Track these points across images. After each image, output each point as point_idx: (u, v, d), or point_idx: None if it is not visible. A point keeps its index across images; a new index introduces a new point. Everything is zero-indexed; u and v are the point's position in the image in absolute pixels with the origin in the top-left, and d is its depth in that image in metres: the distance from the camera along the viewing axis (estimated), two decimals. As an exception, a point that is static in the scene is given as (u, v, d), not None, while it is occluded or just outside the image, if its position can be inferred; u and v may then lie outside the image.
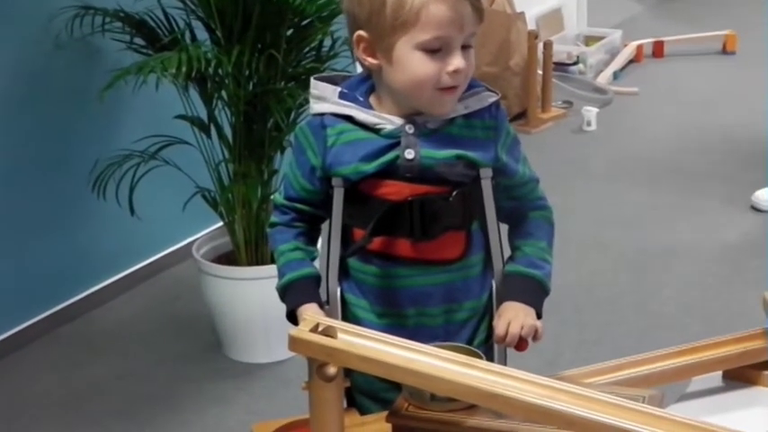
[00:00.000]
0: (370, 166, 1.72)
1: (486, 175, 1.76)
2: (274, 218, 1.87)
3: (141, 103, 3.47)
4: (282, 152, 3.31)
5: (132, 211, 3.25)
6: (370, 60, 1.71)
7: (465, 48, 1.68)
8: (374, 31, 1.68)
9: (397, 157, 1.72)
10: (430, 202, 1.73)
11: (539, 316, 1.77)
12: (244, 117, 3.23)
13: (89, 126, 3.63)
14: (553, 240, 1.85)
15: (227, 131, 3.29)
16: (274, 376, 3.30)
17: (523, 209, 1.84)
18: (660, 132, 5.39)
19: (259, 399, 3.20)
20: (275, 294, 3.32)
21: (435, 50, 1.66)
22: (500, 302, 1.78)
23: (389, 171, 1.73)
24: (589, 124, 5.39)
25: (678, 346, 1.75)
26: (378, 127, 1.74)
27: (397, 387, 1.70)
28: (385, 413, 1.57)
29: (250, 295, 3.33)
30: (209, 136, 3.30)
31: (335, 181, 1.76)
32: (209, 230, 3.72)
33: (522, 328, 1.72)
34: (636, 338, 3.39)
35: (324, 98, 1.78)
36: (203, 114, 3.29)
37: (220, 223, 3.49)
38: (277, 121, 3.15)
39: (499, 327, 1.73)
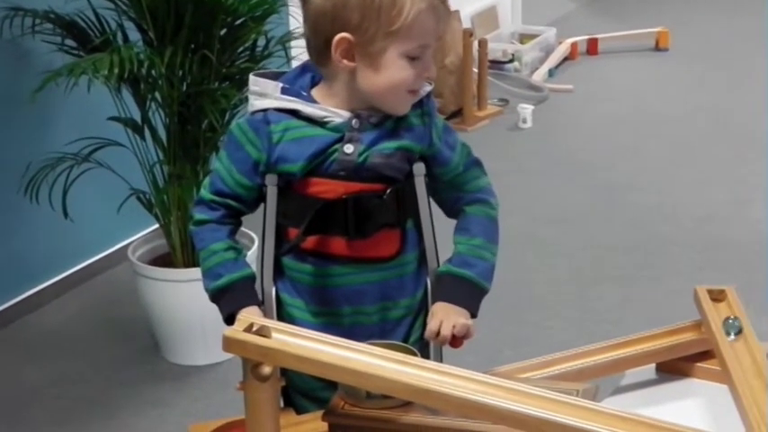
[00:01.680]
0: (316, 157, 1.73)
1: (419, 172, 1.77)
2: (201, 215, 1.83)
3: (73, 105, 3.43)
4: (218, 153, 3.29)
5: (66, 214, 3.21)
6: (346, 63, 1.71)
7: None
8: (363, 37, 1.69)
9: (336, 150, 1.72)
10: (364, 200, 1.73)
11: (473, 315, 1.77)
12: (178, 118, 3.21)
13: (20, 129, 3.58)
14: (493, 234, 1.83)
15: (162, 133, 3.26)
16: (212, 378, 3.29)
17: (461, 202, 1.84)
18: (595, 129, 5.44)
19: (197, 401, 3.18)
20: (212, 296, 3.30)
21: (416, 57, 1.70)
22: (435, 301, 1.78)
23: (323, 169, 1.73)
24: (525, 122, 5.42)
25: (612, 340, 1.77)
26: (325, 120, 1.74)
27: (333, 386, 1.69)
28: (321, 412, 1.56)
29: (187, 297, 3.30)
30: (142, 137, 3.28)
31: (269, 179, 1.75)
32: (144, 233, 3.69)
33: (453, 327, 1.72)
34: (574, 334, 3.42)
35: (265, 94, 1.77)
36: (137, 116, 3.26)
37: (156, 225, 3.46)
38: (211, 121, 3.13)
39: (431, 324, 1.74)
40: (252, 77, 1.79)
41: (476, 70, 5.53)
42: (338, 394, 1.53)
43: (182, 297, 3.31)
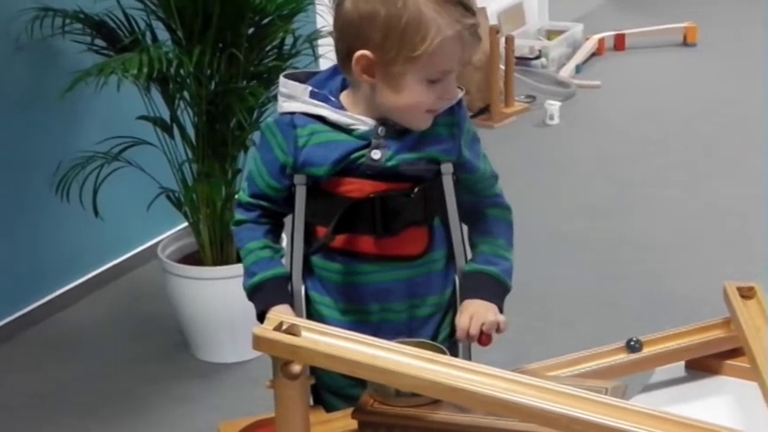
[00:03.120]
0: (342, 162, 1.73)
1: (447, 170, 1.77)
2: (240, 215, 1.86)
3: (103, 104, 3.46)
4: (246, 151, 3.31)
5: (96, 212, 3.24)
6: (366, 78, 1.71)
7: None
8: (383, 57, 1.68)
9: (363, 155, 1.72)
10: (391, 199, 1.74)
11: (501, 311, 1.78)
12: (206, 117, 3.23)
13: (51, 128, 3.61)
14: (511, 238, 1.86)
15: (190, 131, 3.28)
16: (240, 375, 3.30)
17: (481, 205, 1.85)
18: (622, 125, 5.42)
19: (226, 398, 3.20)
20: (241, 293, 3.33)
21: (437, 80, 1.70)
22: (462, 299, 1.79)
23: (351, 169, 1.73)
24: (552, 118, 5.41)
25: (641, 337, 1.77)
26: (351, 128, 1.74)
27: (362, 384, 1.70)
28: (350, 410, 1.58)
29: (215, 295, 3.32)
30: (171, 136, 3.29)
31: (298, 179, 1.76)
32: (173, 231, 3.71)
33: (482, 324, 1.73)
34: (602, 330, 3.41)
35: (294, 97, 1.78)
36: (165, 115, 3.28)
37: (185, 224, 3.48)
38: (240, 120, 3.15)
39: (461, 321, 1.75)
40: (282, 79, 1.80)
41: (502, 67, 5.53)
42: (367, 392, 1.54)
43: (210, 295, 3.32)
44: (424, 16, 1.64)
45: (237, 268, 3.24)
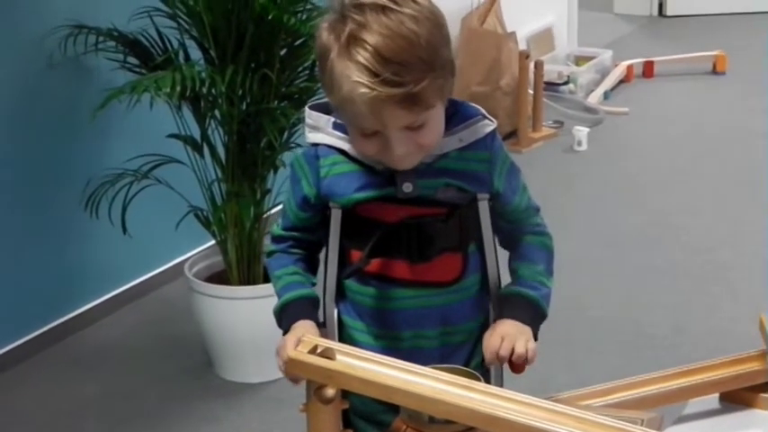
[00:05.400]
0: (365, 195, 1.72)
1: (482, 197, 1.75)
2: (272, 247, 1.86)
3: (134, 122, 3.46)
4: (275, 171, 3.31)
5: (125, 229, 3.24)
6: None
7: (416, 128, 1.63)
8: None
9: (394, 190, 1.71)
10: (426, 225, 1.72)
11: (535, 337, 1.75)
12: (237, 136, 3.23)
13: (82, 145, 3.62)
14: (551, 266, 1.83)
15: (220, 150, 3.29)
16: (265, 396, 3.29)
17: (519, 232, 1.83)
18: (651, 152, 5.40)
19: (251, 418, 3.19)
20: (267, 314, 3.31)
21: (374, 133, 1.64)
22: (497, 319, 1.77)
23: (386, 197, 1.72)
24: (580, 144, 5.40)
25: (675, 368, 1.76)
26: (371, 164, 1.73)
27: (393, 409, 1.69)
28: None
29: (242, 314, 3.32)
30: (201, 155, 3.30)
31: (333, 203, 1.75)
32: (200, 249, 3.71)
33: (513, 348, 1.68)
34: (628, 359, 3.39)
35: (318, 128, 1.77)
36: (196, 133, 3.29)
37: (212, 242, 3.49)
38: (270, 140, 3.15)
39: (491, 341, 1.69)
40: (306, 110, 1.79)
41: (531, 92, 5.52)
42: (400, 418, 1.53)
43: (236, 314, 3.32)
44: (333, 70, 1.61)
45: (264, 288, 3.28)
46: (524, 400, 1.36)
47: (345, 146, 1.74)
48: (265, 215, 3.36)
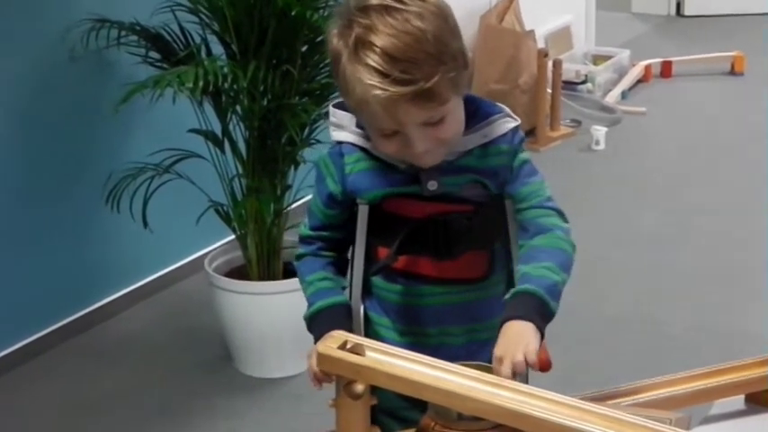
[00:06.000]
0: (391, 191, 1.73)
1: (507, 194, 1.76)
2: (301, 249, 1.85)
3: (155, 116, 3.48)
4: (296, 167, 3.32)
5: (145, 223, 3.25)
6: None
7: (434, 123, 1.63)
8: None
9: (419, 188, 1.71)
10: (453, 221, 1.73)
11: (541, 330, 1.62)
12: (258, 132, 3.24)
13: (103, 139, 3.64)
14: (562, 259, 1.70)
15: (241, 146, 3.29)
16: (285, 391, 3.30)
17: (531, 232, 1.74)
18: (668, 152, 5.40)
19: (270, 414, 3.20)
20: (286, 309, 3.34)
21: (390, 135, 1.64)
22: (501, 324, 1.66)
23: (412, 193, 1.73)
24: (598, 143, 5.39)
25: (700, 369, 1.75)
26: (394, 163, 1.73)
27: (417, 406, 1.70)
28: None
29: (261, 310, 3.33)
30: (222, 150, 3.30)
31: (360, 199, 1.76)
32: (219, 244, 3.72)
33: (513, 366, 1.56)
34: (646, 359, 3.40)
35: (342, 126, 1.78)
36: (217, 128, 3.29)
37: (232, 236, 3.50)
38: (291, 136, 3.15)
39: (495, 364, 1.57)
40: (331, 108, 1.80)
41: (549, 90, 5.52)
42: (428, 414, 1.53)
43: (256, 310, 3.33)
44: (345, 74, 1.62)
45: (283, 284, 3.29)
46: (554, 397, 1.36)
47: (368, 144, 1.74)
48: (285, 211, 3.36)
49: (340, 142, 1.78)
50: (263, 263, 3.36)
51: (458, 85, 1.64)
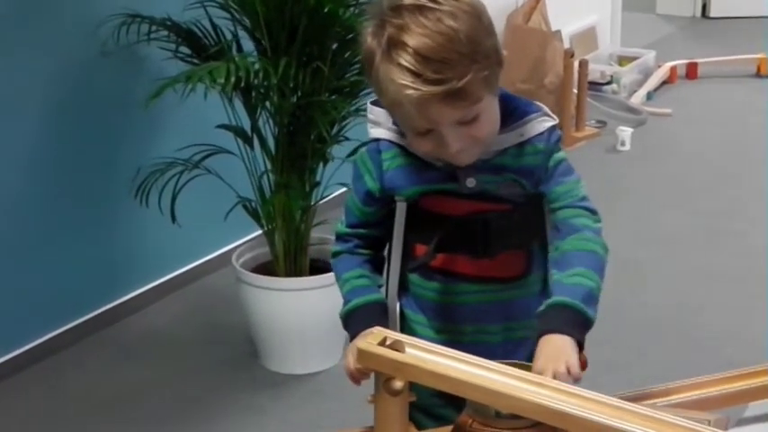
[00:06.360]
0: (428, 187, 1.73)
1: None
2: (337, 247, 1.85)
3: (184, 111, 3.48)
4: (325, 164, 3.32)
5: (174, 218, 3.26)
6: None
7: (469, 121, 1.63)
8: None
9: (457, 185, 1.72)
10: (491, 220, 1.73)
11: (579, 343, 1.65)
12: (287, 128, 3.24)
13: (132, 133, 3.65)
14: (595, 263, 1.70)
15: (270, 142, 3.30)
16: (310, 387, 3.31)
17: (564, 233, 1.74)
18: (694, 154, 5.38)
19: (296, 410, 3.20)
20: (313, 306, 3.34)
21: (425, 133, 1.64)
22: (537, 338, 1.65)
23: (450, 191, 1.73)
24: (623, 144, 5.38)
25: (733, 371, 1.75)
26: (430, 161, 1.73)
27: (451, 403, 1.71)
28: (440, 429, 1.58)
29: (287, 306, 3.34)
30: (251, 146, 3.31)
31: (398, 196, 1.76)
32: (246, 239, 3.73)
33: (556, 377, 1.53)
34: (674, 362, 3.39)
35: (379, 123, 1.78)
36: (246, 124, 3.30)
37: (257, 232, 3.50)
38: (320, 132, 3.16)
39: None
40: (369, 105, 1.80)
41: (575, 91, 5.51)
42: (466, 412, 1.54)
43: (282, 306, 3.34)
44: (378, 73, 1.62)
45: (310, 281, 3.30)
46: (594, 397, 1.37)
47: (405, 141, 1.74)
48: (313, 207, 3.37)
49: (377, 139, 1.78)
50: (290, 259, 3.37)
51: (491, 83, 1.64)
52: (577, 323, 1.63)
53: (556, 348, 1.59)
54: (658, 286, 3.98)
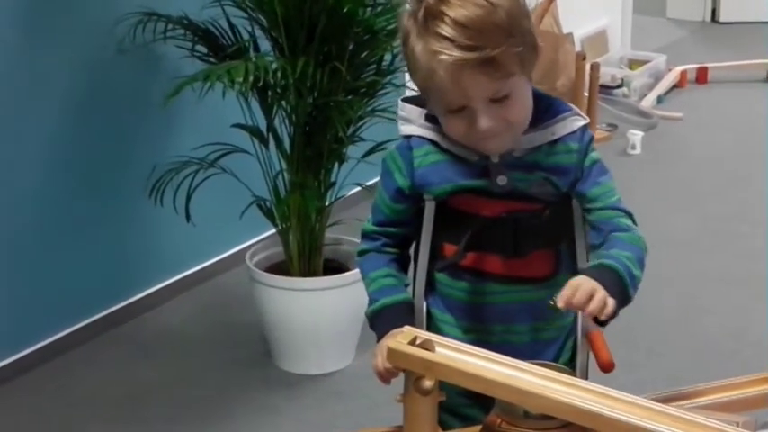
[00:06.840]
0: (459, 185, 1.73)
1: (574, 194, 1.77)
2: (364, 245, 1.85)
3: (199, 110, 3.48)
4: (341, 164, 3.32)
5: (188, 217, 3.27)
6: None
7: (500, 99, 1.64)
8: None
9: (489, 183, 1.72)
10: (522, 220, 1.73)
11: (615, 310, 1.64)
12: (303, 128, 3.24)
13: (148, 132, 3.65)
14: (640, 255, 1.76)
15: (286, 142, 3.30)
16: (325, 388, 3.30)
17: (606, 232, 1.76)
18: (705, 158, 5.38)
19: (311, 410, 3.20)
20: (327, 306, 3.35)
21: (461, 109, 1.65)
22: (585, 322, 1.77)
23: (481, 189, 1.73)
24: (634, 148, 5.38)
25: (760, 374, 1.75)
26: (463, 155, 1.73)
27: (478, 403, 1.71)
28: (468, 429, 1.58)
29: (301, 306, 3.34)
30: (267, 146, 3.31)
31: (428, 194, 1.76)
32: (260, 238, 3.73)
33: (590, 296, 1.56)
34: (688, 363, 3.39)
35: (410, 120, 1.79)
36: (262, 124, 3.30)
37: (271, 232, 3.50)
38: (336, 133, 3.16)
39: (564, 293, 1.57)
40: (400, 103, 1.81)
41: (586, 94, 5.51)
42: (494, 411, 1.54)
43: (296, 306, 3.34)
44: (414, 50, 1.64)
45: (324, 281, 3.31)
46: (624, 397, 1.37)
47: (437, 137, 1.75)
48: (328, 207, 3.37)
49: (408, 136, 1.78)
50: (305, 259, 3.37)
51: (525, 63, 1.66)
52: (618, 290, 1.64)
53: (593, 282, 1.59)
54: (669, 288, 3.97)
